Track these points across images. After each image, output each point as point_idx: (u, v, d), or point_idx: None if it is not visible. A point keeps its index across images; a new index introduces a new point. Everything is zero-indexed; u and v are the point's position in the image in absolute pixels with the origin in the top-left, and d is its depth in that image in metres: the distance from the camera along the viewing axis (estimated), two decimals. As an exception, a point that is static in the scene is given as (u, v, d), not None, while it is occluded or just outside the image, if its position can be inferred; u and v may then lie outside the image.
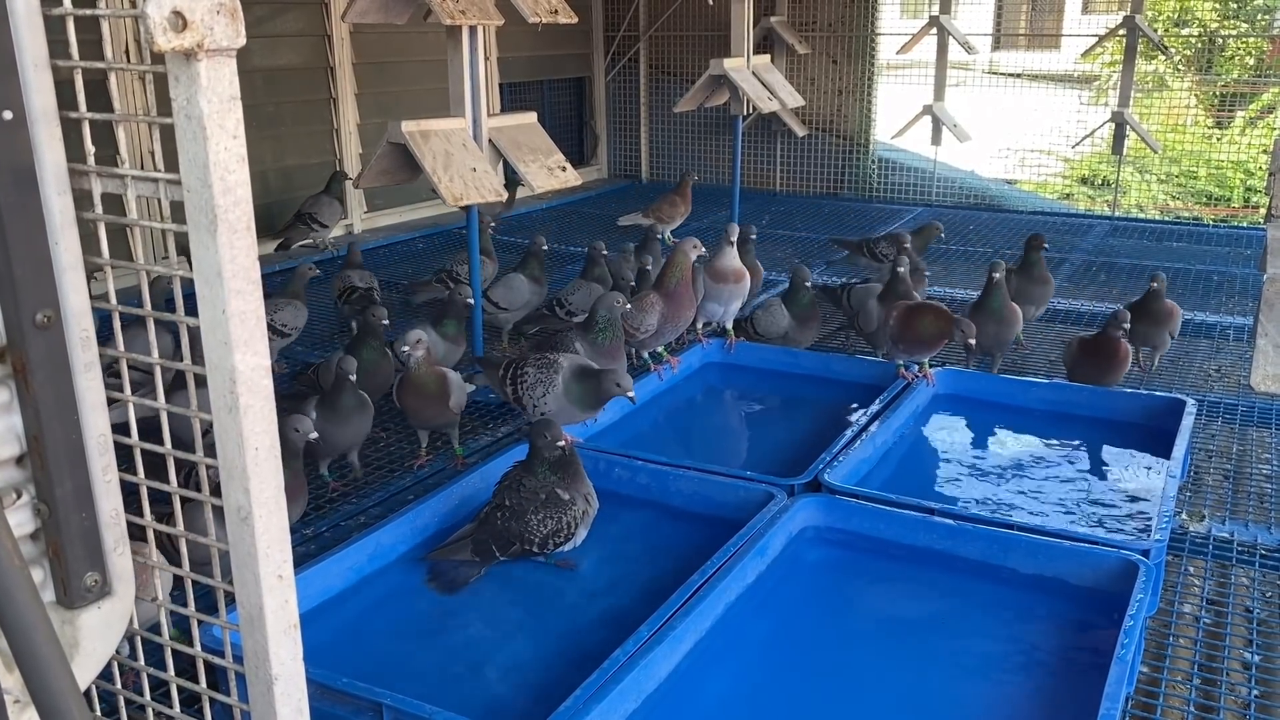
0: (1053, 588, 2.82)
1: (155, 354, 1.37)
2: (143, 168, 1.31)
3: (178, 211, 1.21)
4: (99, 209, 1.32)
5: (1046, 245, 4.92)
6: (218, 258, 1.19)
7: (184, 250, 1.23)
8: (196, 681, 1.48)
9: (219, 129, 1.16)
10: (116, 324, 1.38)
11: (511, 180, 5.41)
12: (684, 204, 6.93)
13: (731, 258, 4.34)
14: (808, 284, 4.60)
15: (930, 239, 5.86)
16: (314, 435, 2.94)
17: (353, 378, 3.34)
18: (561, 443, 2.96)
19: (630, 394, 3.32)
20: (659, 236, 6.82)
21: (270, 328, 4.17)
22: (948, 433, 3.98)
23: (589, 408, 3.39)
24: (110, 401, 1.35)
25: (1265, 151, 9.39)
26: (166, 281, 1.36)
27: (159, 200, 1.27)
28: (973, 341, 3.85)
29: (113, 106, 1.32)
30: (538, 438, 2.97)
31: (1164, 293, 4.42)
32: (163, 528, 1.44)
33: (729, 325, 4.50)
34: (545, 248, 4.98)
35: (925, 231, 5.85)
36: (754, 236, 5.14)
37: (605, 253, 4.90)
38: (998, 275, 4.35)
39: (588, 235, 6.94)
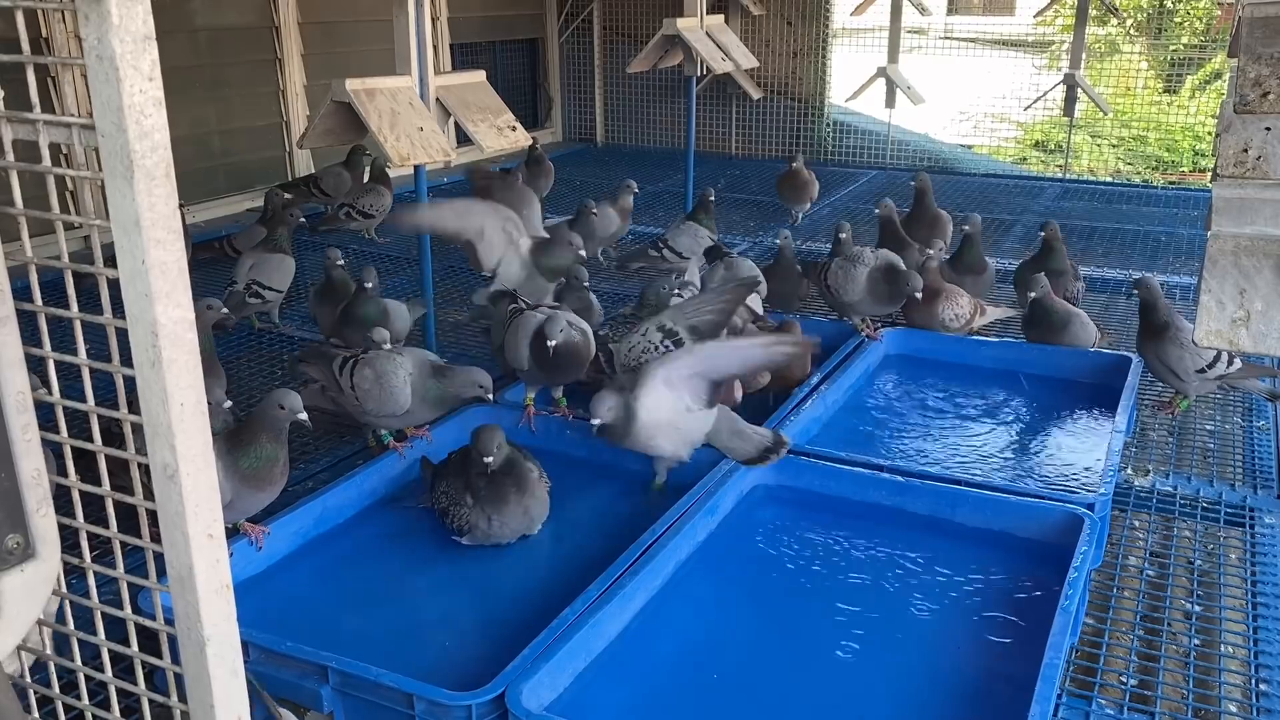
0: (1000, 541, 2.85)
1: (74, 308, 1.32)
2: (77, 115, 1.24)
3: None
4: (10, 156, 1.26)
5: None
6: (135, 206, 1.14)
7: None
8: (129, 646, 1.44)
9: (133, 70, 1.10)
10: (33, 277, 1.33)
11: None
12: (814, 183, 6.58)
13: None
14: (798, 268, 4.60)
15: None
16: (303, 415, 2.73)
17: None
18: (489, 459, 2.76)
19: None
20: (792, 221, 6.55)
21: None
22: (899, 391, 4.00)
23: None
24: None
25: (1213, 116, 9.49)
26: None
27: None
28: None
29: (21, 48, 1.26)
30: (473, 443, 2.83)
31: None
32: (88, 487, 1.39)
33: None
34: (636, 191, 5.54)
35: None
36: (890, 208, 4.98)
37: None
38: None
39: (552, 199, 6.92)
